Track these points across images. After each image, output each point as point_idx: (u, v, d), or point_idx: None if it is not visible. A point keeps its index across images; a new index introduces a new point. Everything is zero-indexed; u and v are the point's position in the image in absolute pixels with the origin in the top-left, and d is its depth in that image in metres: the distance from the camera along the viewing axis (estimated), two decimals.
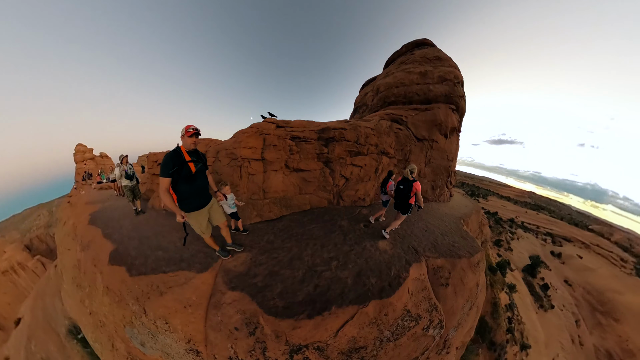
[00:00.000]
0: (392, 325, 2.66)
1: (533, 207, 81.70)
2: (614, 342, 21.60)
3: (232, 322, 2.41)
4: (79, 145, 24.92)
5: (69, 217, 6.42)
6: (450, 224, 6.12)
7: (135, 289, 2.82)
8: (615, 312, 23.94)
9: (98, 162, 25.42)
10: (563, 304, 24.18)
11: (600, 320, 24.01)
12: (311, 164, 6.08)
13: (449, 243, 4.67)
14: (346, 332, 2.40)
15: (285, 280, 2.92)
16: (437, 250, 4.19)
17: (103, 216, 5.57)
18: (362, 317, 2.53)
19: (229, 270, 3.02)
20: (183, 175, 2.35)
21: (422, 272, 3.54)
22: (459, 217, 7.18)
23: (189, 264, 3.11)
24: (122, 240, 3.93)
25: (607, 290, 26.75)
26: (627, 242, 57.23)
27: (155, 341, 2.62)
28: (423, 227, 5.34)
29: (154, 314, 2.59)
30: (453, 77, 9.08)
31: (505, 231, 41.03)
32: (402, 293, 2.94)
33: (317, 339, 2.32)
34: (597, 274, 30.13)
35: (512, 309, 18.94)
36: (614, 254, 39.34)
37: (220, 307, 2.55)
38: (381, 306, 2.70)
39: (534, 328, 18.73)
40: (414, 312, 2.92)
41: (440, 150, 8.71)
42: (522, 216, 59.53)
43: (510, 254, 32.31)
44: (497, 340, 13.64)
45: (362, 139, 6.72)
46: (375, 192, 6.98)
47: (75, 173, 22.38)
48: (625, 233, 64.03)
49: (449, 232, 5.37)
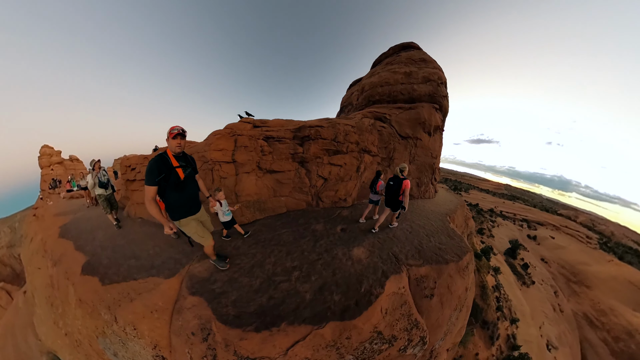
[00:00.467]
0: (357, 349, 2.33)
1: (509, 198, 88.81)
2: (588, 305, 24.39)
3: (190, 326, 2.40)
4: (44, 147, 21.11)
5: (36, 233, 5.98)
6: (436, 222, 5.87)
7: (107, 298, 2.84)
8: (586, 281, 26.96)
9: (67, 167, 21.92)
10: (542, 279, 26.59)
11: (575, 289, 26.95)
12: (285, 164, 5.79)
13: (435, 245, 4.34)
14: (297, 352, 2.19)
15: (241, 288, 2.78)
16: (421, 256, 3.81)
17: (74, 228, 5.16)
18: (316, 339, 2.26)
19: (193, 276, 2.99)
20: (171, 183, 2.16)
21: (402, 284, 3.12)
22: (444, 213, 7.08)
23: (158, 270, 3.13)
24: (95, 252, 3.82)
25: (577, 263, 29.93)
26: (590, 222, 64.48)
27: (126, 349, 2.67)
28: (407, 229, 4.97)
29: (123, 321, 2.62)
30: (437, 77, 9.28)
31: (486, 220, 44.17)
32: (371, 314, 2.54)
33: (265, 355, 2.17)
34: (568, 251, 33.55)
35: (499, 289, 20.52)
36: (580, 233, 43.99)
37: (182, 311, 2.55)
38: (342, 329, 2.35)
39: (520, 303, 20.35)
40: (387, 333, 2.54)
41: (425, 148, 8.81)
42: (500, 206, 64.40)
43: (493, 240, 34.81)
44: (489, 319, 14.83)
45: (341, 137, 6.46)
46: (357, 191, 6.72)
47: (41, 180, 19.20)
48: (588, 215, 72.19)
49: (435, 232, 5.06)
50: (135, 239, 4.21)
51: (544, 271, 28.81)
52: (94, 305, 2.87)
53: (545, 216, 54.73)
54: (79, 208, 7.56)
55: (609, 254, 33.64)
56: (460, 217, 8.81)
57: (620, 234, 60.92)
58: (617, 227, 66.16)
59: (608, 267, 27.84)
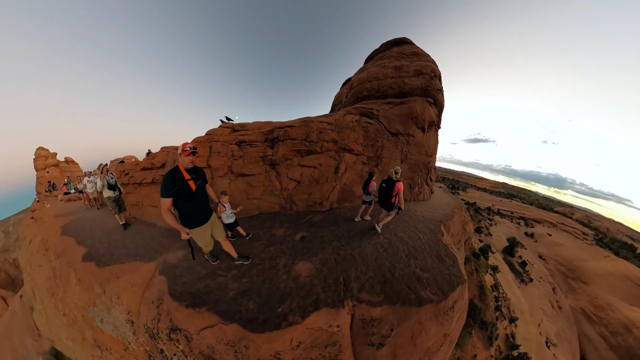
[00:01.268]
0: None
1: (506, 196, 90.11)
2: (586, 301, 24.68)
3: (152, 297, 3.09)
4: (40, 149, 21.30)
5: (35, 235, 6.46)
6: (426, 234, 5.03)
7: (100, 277, 3.65)
8: (584, 277, 27.35)
9: (63, 169, 21.98)
10: (540, 276, 26.88)
11: (572, 285, 27.30)
12: (255, 167, 5.88)
13: (413, 273, 3.41)
14: (206, 335, 2.53)
15: (193, 274, 3.32)
16: (384, 290, 2.99)
17: (75, 227, 5.76)
18: (220, 332, 2.51)
19: (166, 262, 3.67)
20: (184, 194, 2.40)
21: (338, 322, 2.56)
22: (438, 220, 6.30)
23: (141, 257, 3.89)
24: (94, 245, 4.57)
25: (574, 259, 30.37)
26: (586, 218, 65.77)
27: (109, 315, 3.38)
28: (384, 243, 4.18)
29: (110, 292, 3.40)
30: (430, 70, 8.75)
31: (484, 218, 44.60)
32: (274, 338, 2.41)
33: (186, 328, 2.63)
34: (564, 247, 34.04)
35: (498, 288, 20.61)
36: (577, 230, 44.78)
37: (151, 286, 3.27)
38: (242, 336, 2.46)
39: (518, 301, 20.46)
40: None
41: (418, 145, 8.27)
42: (497, 204, 65.24)
43: (490, 239, 35.13)
44: (488, 320, 14.81)
45: (314, 136, 6.28)
46: (337, 194, 6.36)
47: (37, 183, 19.57)
48: (583, 212, 73.73)
49: (421, 251, 4.13)
50: (127, 234, 4.97)
51: (542, 268, 29.15)
52: (90, 282, 3.66)
53: (542, 214, 55.64)
54: (77, 210, 7.84)
55: (605, 250, 34.24)
56: (457, 223, 7.91)
57: (615, 229, 62.31)
58: (612, 223, 67.66)
59: (604, 262, 28.31)
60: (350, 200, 6.63)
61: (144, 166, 6.65)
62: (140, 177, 6.50)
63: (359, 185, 6.79)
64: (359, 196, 6.66)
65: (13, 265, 25.24)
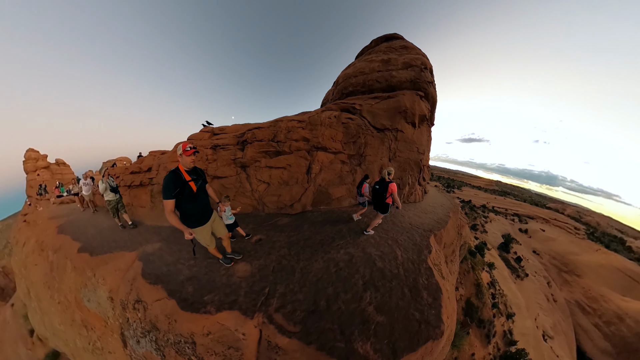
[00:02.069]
0: (178, 336, 2.78)
1: (500, 194, 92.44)
2: (580, 293, 25.70)
3: (130, 278, 3.68)
4: (30, 151, 20.47)
5: (28, 238, 6.97)
6: (408, 250, 4.02)
7: (92, 263, 4.32)
8: (577, 270, 28.34)
9: (54, 172, 21.37)
10: (535, 270, 27.60)
11: (566, 278, 28.25)
12: (227, 170, 6.13)
13: (360, 311, 2.60)
14: (155, 306, 3.14)
15: (162, 260, 3.92)
16: (307, 320, 2.51)
17: (70, 227, 6.27)
18: (162, 305, 3.06)
19: (145, 251, 4.29)
20: (186, 195, 2.45)
21: (245, 330, 2.53)
22: (429, 228, 5.42)
23: (127, 248, 4.54)
24: (88, 240, 5.21)
25: (567, 253, 31.38)
26: (577, 214, 68.20)
27: (95, 294, 3.99)
28: (341, 261, 3.42)
29: (99, 275, 4.05)
30: (420, 63, 8.23)
31: (479, 216, 45.50)
32: (194, 318, 2.74)
33: (145, 299, 3.23)
34: (558, 242, 35.13)
35: (494, 285, 20.95)
36: (569, 225, 46.28)
37: (130, 269, 3.88)
38: (173, 310, 2.94)
39: (515, 297, 20.83)
40: (210, 347, 2.53)
41: (408, 141, 7.62)
42: (492, 202, 66.80)
43: (486, 236, 35.81)
44: (485, 317, 14.98)
45: (282, 136, 6.17)
46: (311, 197, 6.10)
47: (27, 186, 18.93)
48: (574, 207, 76.46)
49: (390, 277, 3.15)
50: (117, 231, 5.54)
51: (537, 263, 29.93)
52: (83, 268, 4.33)
53: (535, 210, 57.32)
54: (71, 212, 8.11)
55: (597, 244, 35.64)
56: (452, 230, 6.82)
57: (605, 223, 64.82)
58: (602, 217, 70.48)
59: (596, 255, 29.37)
60: (327, 203, 6.14)
61: (132, 170, 7.22)
62: (129, 180, 7.03)
63: (336, 186, 6.36)
64: (336, 198, 6.28)
65: (2, 273, 24.83)
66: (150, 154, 7.79)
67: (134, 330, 3.14)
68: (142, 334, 3.03)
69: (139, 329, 3.07)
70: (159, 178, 6.50)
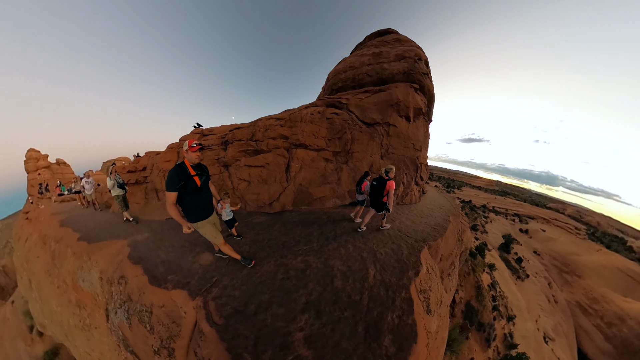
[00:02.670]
0: (140, 303, 3.37)
1: (500, 194, 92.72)
2: (581, 294, 25.53)
3: (118, 260, 4.25)
4: (31, 151, 21.06)
5: (31, 233, 7.87)
6: (387, 268, 3.25)
7: (89, 249, 4.97)
8: (578, 270, 28.26)
9: (55, 171, 22.12)
10: (536, 271, 27.50)
11: (567, 279, 28.14)
12: (212, 169, 6.52)
13: (281, 333, 2.29)
14: (135, 281, 3.72)
15: (146, 246, 4.50)
16: (231, 318, 2.49)
17: (71, 221, 6.98)
18: (140, 279, 3.59)
19: (134, 239, 4.88)
20: (189, 189, 2.53)
21: (186, 309, 2.85)
22: (422, 238, 4.60)
23: (119, 237, 5.19)
24: (87, 231, 5.90)
25: (568, 254, 31.34)
26: (577, 214, 68.46)
27: (89, 274, 4.55)
28: (295, 269, 3.14)
29: (93, 259, 4.64)
30: (414, 54, 7.89)
31: (479, 216, 45.47)
32: (156, 292, 3.25)
33: (127, 275, 3.83)
34: (558, 242, 35.13)
35: (495, 287, 20.80)
36: (569, 225, 46.40)
37: (119, 253, 4.45)
38: (145, 285, 3.45)
39: (515, 298, 20.70)
40: (164, 318, 2.93)
41: (402, 137, 7.19)
42: (492, 202, 66.93)
43: (487, 236, 35.74)
44: (485, 321, 14.78)
45: (259, 134, 6.30)
46: (292, 196, 6.00)
47: (28, 185, 19.38)
48: (574, 207, 76.81)
49: (344, 306, 2.53)
50: (115, 223, 6.24)
51: (537, 264, 29.85)
52: (81, 253, 4.94)
53: (536, 210, 57.44)
54: (72, 209, 8.89)
55: (597, 244, 35.69)
56: (451, 239, 5.95)
57: (605, 223, 65.11)
58: (603, 217, 70.84)
59: (597, 256, 29.34)
60: (308, 203, 5.94)
61: (129, 169, 7.98)
62: (127, 178, 7.65)
63: (318, 186, 6.11)
64: (318, 198, 6.02)
65: (2, 272, 26.18)
66: (146, 154, 8.50)
67: (115, 303, 3.69)
68: (119, 305, 3.56)
69: (118, 301, 3.61)
70: (153, 176, 7.27)
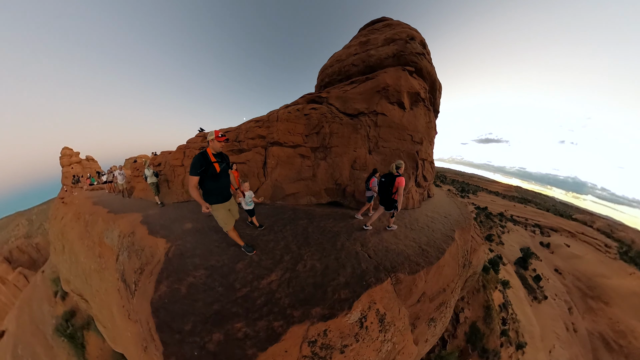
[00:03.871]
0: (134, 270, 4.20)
1: (520, 201, 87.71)
2: (606, 324, 22.94)
3: (134, 224, 5.24)
4: (65, 149, 26.66)
5: (65, 213, 9.62)
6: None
7: (114, 217, 6.16)
8: (605, 296, 25.51)
9: (84, 166, 27.70)
10: (555, 293, 25.20)
11: (591, 305, 25.46)
12: None
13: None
14: (140, 235, 4.78)
15: (155, 217, 5.69)
16: (163, 276, 3.28)
17: (102, 201, 8.80)
18: (143, 231, 4.84)
19: (147, 213, 6.12)
20: (209, 174, 2.91)
21: (159, 250, 4.15)
22: (390, 265, 3.38)
23: (137, 210, 6.51)
24: (114, 208, 7.24)
25: (595, 275, 28.54)
26: (608, 228, 63.03)
27: (112, 233, 5.71)
28: (221, 266, 3.21)
29: (116, 222, 5.82)
30: (405, 35, 7.21)
31: (495, 225, 42.90)
32: (150, 239, 4.48)
33: (136, 231, 4.92)
34: (584, 261, 32.18)
35: (507, 308, 19.09)
36: (598, 241, 42.68)
37: (136, 220, 5.49)
38: (146, 235, 4.67)
39: (529, 323, 18.96)
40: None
41: (395, 127, 6.35)
42: (510, 210, 63.22)
43: (502, 248, 33.49)
44: (490, 347, 13.31)
45: (242, 135, 7.26)
46: (270, 191, 6.54)
47: (63, 177, 25.02)
48: (605, 220, 70.74)
49: None
50: (134, 204, 7.94)
51: (558, 284, 27.41)
52: (108, 220, 6.28)
53: (559, 221, 53.49)
54: (101, 195, 11.28)
55: (631, 266, 32.05)
56: (449, 266, 4.29)
57: None
58: (638, 233, 64.88)
59: (629, 280, 26.47)
60: (282, 199, 6.51)
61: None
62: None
63: (291, 182, 6.53)
64: (291, 194, 6.48)
65: (35, 249, 32.68)
66: (161, 153, 9.97)
67: (123, 248, 4.78)
68: (126, 247, 4.68)
69: (126, 245, 4.72)
70: (165, 170, 8.57)
